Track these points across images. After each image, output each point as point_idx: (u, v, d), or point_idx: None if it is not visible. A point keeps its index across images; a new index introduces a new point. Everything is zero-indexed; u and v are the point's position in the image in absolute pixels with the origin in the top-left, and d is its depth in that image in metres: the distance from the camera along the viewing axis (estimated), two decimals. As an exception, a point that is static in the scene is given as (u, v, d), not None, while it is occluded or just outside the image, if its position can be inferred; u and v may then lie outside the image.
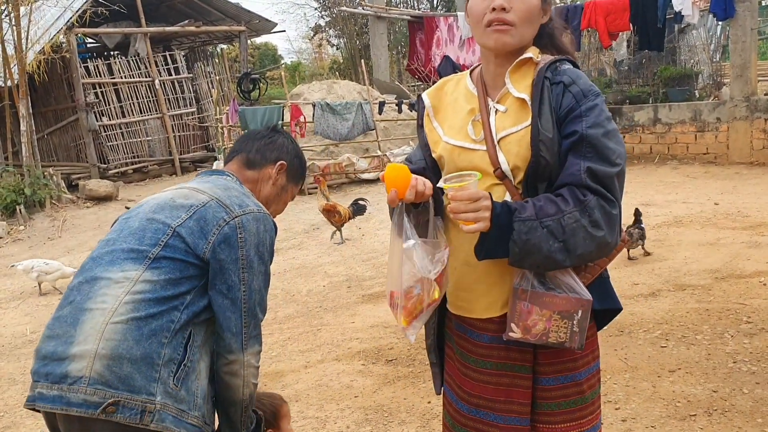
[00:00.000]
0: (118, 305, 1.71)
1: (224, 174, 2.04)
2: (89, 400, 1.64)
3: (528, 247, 1.61)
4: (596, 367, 1.86)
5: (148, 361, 1.68)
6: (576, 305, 1.67)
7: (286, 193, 2.16)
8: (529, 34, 1.76)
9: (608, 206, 1.62)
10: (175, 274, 1.77)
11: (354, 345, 4.61)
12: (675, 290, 5.02)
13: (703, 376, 3.65)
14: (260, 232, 1.85)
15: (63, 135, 15.62)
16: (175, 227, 1.81)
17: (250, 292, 1.81)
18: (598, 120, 1.65)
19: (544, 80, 1.70)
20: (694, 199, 8.00)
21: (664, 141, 10.84)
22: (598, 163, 1.62)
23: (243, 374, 1.82)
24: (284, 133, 2.23)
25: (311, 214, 9.53)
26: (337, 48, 27.75)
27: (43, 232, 9.80)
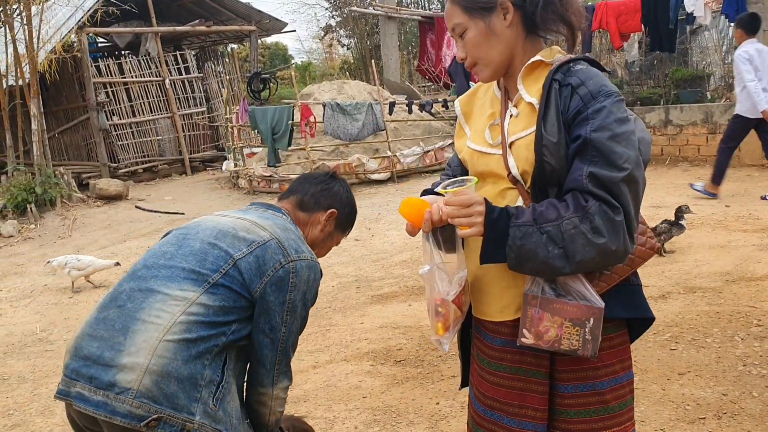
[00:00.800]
0: (173, 323, 1.78)
1: (281, 212, 2.14)
2: (134, 413, 1.70)
3: (523, 253, 1.60)
4: (626, 378, 1.81)
5: (193, 381, 1.76)
6: (587, 313, 1.65)
7: (332, 240, 2.26)
8: (499, 53, 1.72)
9: (612, 212, 1.56)
10: (228, 303, 1.86)
11: (363, 345, 4.62)
12: (685, 293, 4.99)
13: (713, 379, 3.64)
14: (310, 280, 1.95)
15: (74, 134, 15.70)
16: (236, 259, 1.89)
17: (289, 334, 1.93)
18: (604, 123, 1.59)
19: (552, 83, 1.67)
20: (704, 202, 7.95)
21: (675, 143, 10.78)
22: (602, 167, 1.57)
23: (271, 405, 1.97)
24: (341, 181, 2.30)
25: (320, 214, 9.53)
26: (347, 48, 27.78)
27: (53, 231, 9.86)
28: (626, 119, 1.62)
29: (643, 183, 1.64)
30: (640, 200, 1.64)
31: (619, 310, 1.74)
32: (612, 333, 1.77)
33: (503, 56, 1.73)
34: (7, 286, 7.38)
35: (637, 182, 1.60)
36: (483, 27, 1.70)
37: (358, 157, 11.65)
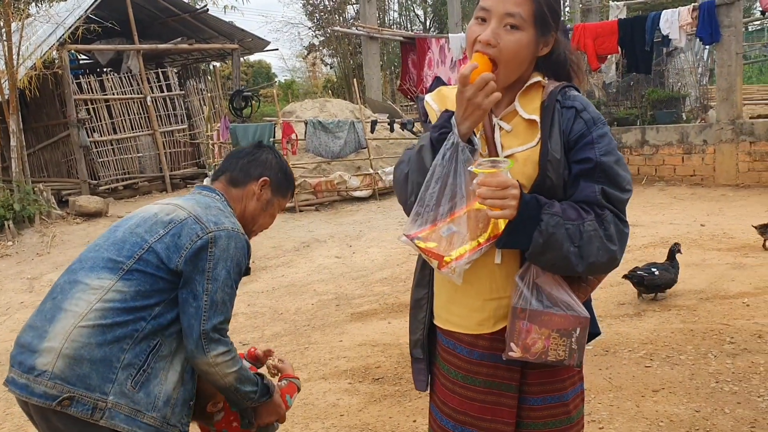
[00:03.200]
0: (88, 311, 1.89)
1: (213, 192, 2.19)
2: (48, 393, 1.83)
3: (551, 242, 1.63)
4: (581, 388, 1.90)
5: (107, 364, 1.86)
6: (574, 323, 1.69)
7: (272, 206, 2.28)
8: (520, 69, 1.74)
9: (621, 225, 1.69)
10: (145, 287, 1.93)
11: (341, 363, 4.62)
12: (660, 310, 5.06)
13: (686, 396, 3.69)
14: (230, 248, 1.98)
15: (54, 151, 15.59)
16: (151, 243, 1.97)
17: (212, 302, 1.93)
18: (609, 148, 1.70)
19: (555, 104, 1.74)
20: (680, 221, 8.07)
21: (651, 162, 10.96)
22: (612, 188, 1.69)
23: (214, 371, 1.96)
24: (269, 149, 2.33)
25: (301, 232, 9.55)
26: (330, 67, 27.93)
27: (31, 248, 9.76)
28: (616, 147, 1.74)
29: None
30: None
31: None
32: None
33: (518, 74, 1.75)
34: (-16, 303, 7.29)
35: (627, 203, 1.73)
36: (533, 39, 1.71)
37: (340, 175, 11.69)
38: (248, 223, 2.24)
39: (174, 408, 1.97)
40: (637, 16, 11.22)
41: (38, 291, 6.90)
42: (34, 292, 7.22)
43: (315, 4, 26.64)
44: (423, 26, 26.84)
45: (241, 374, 2.02)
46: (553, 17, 1.72)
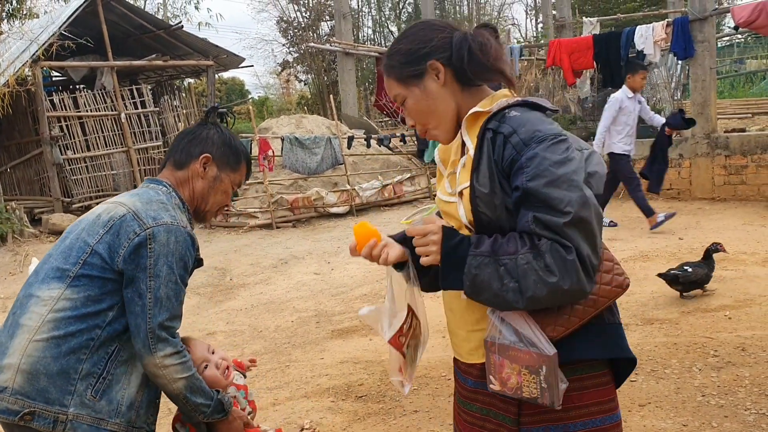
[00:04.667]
0: (41, 323, 1.89)
1: (159, 183, 2.13)
2: (10, 408, 1.85)
3: (477, 282, 1.59)
4: (608, 421, 1.74)
5: (64, 376, 1.86)
6: (538, 360, 1.61)
7: (221, 182, 2.18)
8: (442, 113, 1.75)
9: (564, 251, 1.53)
10: (94, 291, 1.90)
11: (323, 381, 4.54)
12: (643, 324, 5.05)
13: (673, 410, 3.67)
14: (170, 242, 1.93)
15: (26, 168, 15.33)
16: (93, 245, 1.94)
17: (156, 299, 1.89)
18: (539, 170, 1.57)
19: (485, 132, 1.67)
20: (658, 234, 8.12)
21: (628, 176, 11.01)
22: (543, 212, 1.55)
23: (162, 374, 1.91)
24: (212, 125, 2.24)
25: (278, 249, 9.46)
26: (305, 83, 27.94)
27: (4, 267, 9.55)
28: (565, 160, 1.59)
29: (598, 219, 1.60)
30: (598, 236, 1.60)
31: (589, 350, 1.69)
32: (583, 374, 1.71)
33: (448, 115, 1.75)
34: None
35: (587, 222, 1.56)
36: (419, 93, 1.74)
37: (317, 191, 11.62)
38: (200, 204, 2.17)
39: (139, 410, 1.97)
40: (612, 32, 11.36)
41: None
42: (7, 312, 7.02)
43: (289, 21, 26.69)
44: (398, 43, 26.95)
45: (192, 383, 1.96)
46: (411, 62, 1.73)
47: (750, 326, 4.79)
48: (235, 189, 2.23)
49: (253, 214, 11.48)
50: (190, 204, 2.15)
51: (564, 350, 1.64)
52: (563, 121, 12.76)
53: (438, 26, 1.76)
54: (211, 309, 6.78)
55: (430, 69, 1.72)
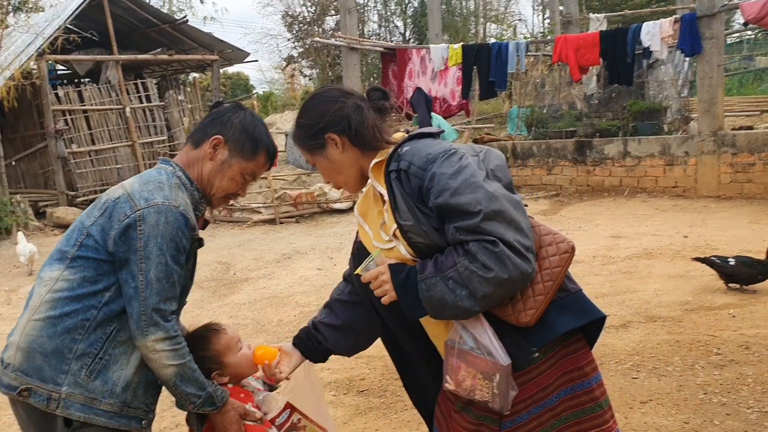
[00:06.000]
0: (39, 303, 1.94)
1: (167, 163, 2.11)
2: (11, 384, 1.93)
3: (434, 302, 1.75)
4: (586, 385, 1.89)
5: (59, 355, 1.90)
6: (493, 368, 1.74)
7: (230, 168, 2.11)
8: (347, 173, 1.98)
9: (491, 246, 1.67)
10: (89, 272, 1.93)
11: (325, 375, 4.53)
12: (646, 321, 5.03)
13: (675, 408, 3.65)
14: (160, 223, 1.90)
15: (31, 162, 15.36)
16: (87, 227, 1.96)
17: (147, 281, 1.88)
18: (439, 186, 1.73)
19: (389, 175, 1.84)
20: (663, 232, 8.09)
21: (633, 174, 11.00)
22: (460, 220, 1.71)
23: (154, 358, 1.91)
24: (237, 108, 2.17)
25: (282, 244, 9.46)
26: (309, 78, 27.89)
27: (9, 260, 9.56)
28: (460, 169, 1.75)
29: (513, 204, 1.74)
30: (518, 219, 1.73)
31: (571, 321, 1.84)
32: (567, 340, 1.86)
33: (352, 174, 1.98)
34: (-43, 317, 7.11)
35: (500, 212, 1.70)
36: (324, 160, 1.98)
37: (320, 187, 11.62)
38: (206, 186, 2.11)
39: (136, 391, 1.98)
40: (619, 28, 11.30)
41: (16, 303, 6.75)
42: (12, 305, 7.04)
43: (294, 16, 26.65)
44: (402, 37, 26.91)
45: (184, 371, 1.95)
46: (311, 135, 1.96)
47: (754, 324, 4.76)
48: (247, 179, 2.15)
49: (256, 209, 11.49)
50: (200, 185, 2.10)
51: (546, 330, 1.79)
52: (569, 118, 12.74)
53: (331, 98, 1.96)
54: (214, 303, 6.79)
55: (329, 140, 1.94)
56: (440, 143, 1.86)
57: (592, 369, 1.90)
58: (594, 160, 11.40)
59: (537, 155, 12.14)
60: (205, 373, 2.13)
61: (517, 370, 1.79)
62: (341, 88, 2.04)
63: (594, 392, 1.88)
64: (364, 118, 1.92)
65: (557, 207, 10.73)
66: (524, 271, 1.69)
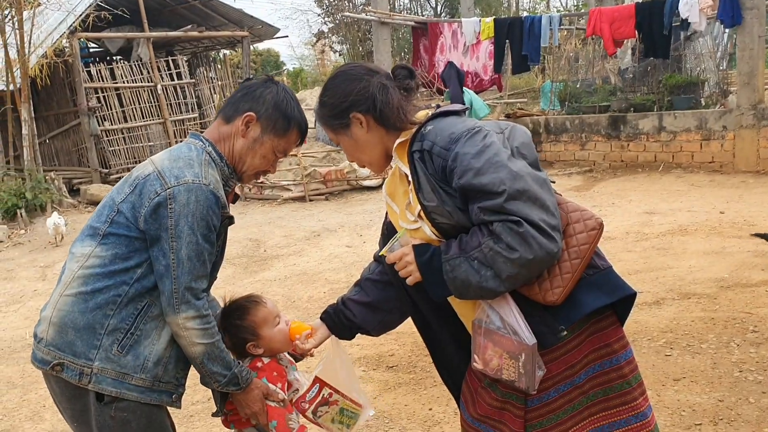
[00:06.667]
0: (71, 279, 1.95)
1: (197, 138, 2.08)
2: (45, 359, 1.95)
3: (458, 283, 1.74)
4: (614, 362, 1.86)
5: (90, 331, 1.91)
6: (518, 348, 1.73)
7: (262, 146, 2.06)
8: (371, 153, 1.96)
9: (516, 227, 1.65)
10: (121, 249, 1.92)
11: (354, 351, 4.55)
12: (680, 299, 4.95)
13: (709, 385, 3.59)
14: (191, 202, 1.88)
15: (65, 139, 15.59)
16: (118, 204, 1.95)
17: (179, 260, 1.88)
18: (463, 166, 1.72)
19: (412, 155, 1.83)
20: (699, 208, 7.93)
21: (668, 149, 10.77)
22: (484, 200, 1.69)
23: (184, 335, 1.92)
24: (269, 83, 2.12)
25: (311, 221, 9.49)
26: (339, 54, 27.75)
27: (43, 237, 9.75)
28: (483, 148, 1.73)
29: (538, 182, 1.71)
30: (544, 198, 1.70)
31: (600, 298, 1.80)
32: (596, 317, 1.83)
33: (377, 153, 1.96)
34: (-3, 291, 7.30)
35: (524, 191, 1.68)
36: (348, 139, 1.96)
37: (350, 164, 11.60)
38: (237, 163, 2.08)
39: (167, 366, 1.98)
40: (655, 0, 10.99)
41: (51, 279, 6.88)
42: (47, 280, 7.19)
43: (325, -9, 26.44)
44: (434, 11, 26.58)
45: (212, 351, 1.95)
46: (336, 115, 1.93)
47: (792, 302, 4.66)
48: (278, 155, 2.11)
49: (286, 186, 11.52)
50: (230, 161, 2.07)
51: (574, 308, 1.77)
52: (603, 92, 12.50)
53: (356, 76, 1.92)
54: (246, 279, 6.86)
55: (354, 120, 1.91)
56: (464, 121, 1.84)
57: (621, 346, 1.87)
58: (628, 135, 11.18)
59: (570, 130, 11.96)
60: (241, 342, 2.18)
61: (545, 349, 1.77)
62: (366, 65, 2.00)
63: (623, 369, 1.85)
64: (389, 97, 1.88)
65: (590, 183, 10.58)
66: (550, 251, 1.67)
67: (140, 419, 1.96)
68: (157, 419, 2.01)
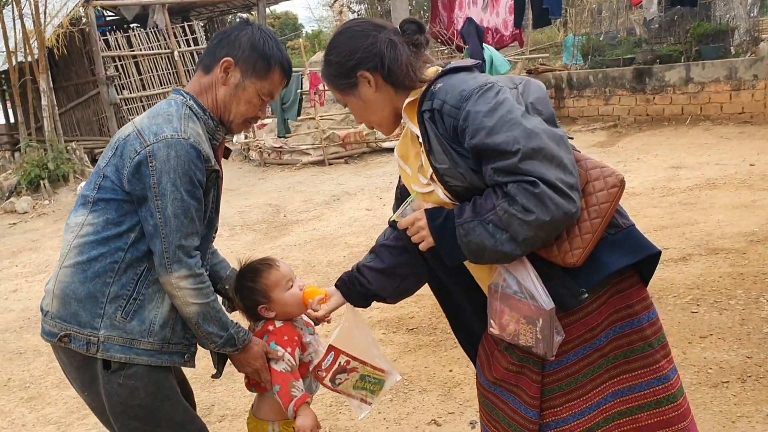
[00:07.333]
0: (68, 250, 1.94)
1: (178, 93, 2.03)
2: (52, 331, 1.95)
3: (473, 247, 1.68)
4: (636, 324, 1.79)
5: (92, 300, 1.90)
6: (536, 313, 1.67)
7: (245, 91, 1.99)
8: (380, 113, 1.88)
9: (531, 188, 1.57)
10: (111, 214, 1.89)
11: (375, 314, 4.53)
12: (707, 254, 4.82)
13: (737, 342, 3.50)
14: (171, 158, 1.83)
15: (85, 109, 15.66)
16: (102, 168, 1.92)
17: (165, 219, 1.84)
18: (475, 125, 1.63)
19: (422, 115, 1.75)
20: (727, 161, 7.72)
21: (696, 101, 10.47)
22: (497, 160, 1.61)
23: (177, 295, 1.89)
24: (244, 25, 2.04)
25: (331, 185, 9.44)
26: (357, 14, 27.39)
27: (67, 207, 9.83)
28: (496, 105, 1.63)
29: (555, 139, 1.62)
30: (560, 155, 1.60)
31: (622, 258, 1.72)
32: (618, 278, 1.76)
33: (387, 114, 1.88)
34: (23, 262, 7.39)
35: (540, 150, 1.59)
36: (355, 100, 1.88)
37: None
38: (223, 113, 2.02)
39: (174, 327, 1.97)
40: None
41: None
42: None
43: (342, -50, 25.96)
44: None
45: (206, 311, 1.92)
46: (342, 74, 1.85)
47: (825, 255, 4.51)
48: (264, 99, 2.03)
49: (305, 150, 11.45)
50: (215, 113, 2.01)
51: (595, 269, 1.69)
52: (628, 45, 12.17)
53: (362, 32, 1.83)
54: (266, 245, 6.85)
55: (362, 79, 1.83)
56: (476, 77, 1.73)
57: (643, 307, 1.79)
58: (654, 88, 10.88)
59: (594, 85, 11.68)
60: (253, 304, 2.17)
61: (565, 311, 1.70)
62: (373, 20, 1.90)
63: (645, 331, 1.77)
64: (398, 54, 1.78)
65: (615, 138, 10.35)
66: (567, 211, 1.58)
67: (148, 386, 1.95)
68: (166, 385, 2.00)
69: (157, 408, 1.97)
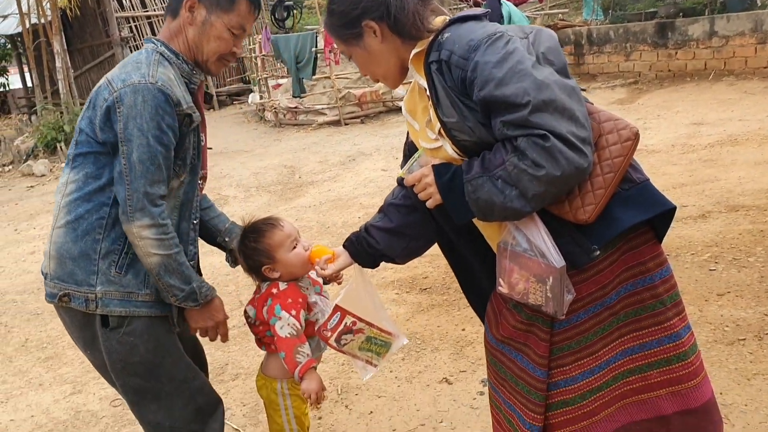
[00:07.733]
0: (58, 210, 1.96)
1: (149, 41, 1.99)
2: (52, 292, 1.97)
3: (481, 204, 1.62)
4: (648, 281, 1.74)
5: (86, 257, 1.91)
6: (546, 271, 1.62)
7: (213, 27, 1.94)
8: (386, 65, 1.81)
9: (542, 141, 1.51)
10: (89, 168, 1.89)
11: (388, 275, 4.52)
12: (727, 211, 4.73)
13: (755, 300, 3.45)
14: (137, 103, 1.80)
15: (100, 71, 15.60)
16: (79, 124, 1.93)
17: (130, 164, 1.82)
18: (484, 76, 1.57)
19: (429, 67, 1.69)
20: (751, 116, 7.53)
21: (720, 56, 10.19)
22: (507, 113, 1.55)
23: (139, 245, 1.86)
24: None
25: (346, 146, 9.38)
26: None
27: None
28: (506, 55, 1.57)
29: (566, 91, 1.55)
30: (572, 108, 1.54)
31: (636, 214, 1.66)
32: (631, 234, 1.71)
33: (392, 65, 1.82)
34: (41, 224, 7.46)
35: (551, 102, 1.52)
36: (360, 51, 1.81)
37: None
38: (196, 54, 1.98)
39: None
40: None
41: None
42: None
43: None
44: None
45: (168, 262, 1.89)
46: (347, 24, 1.78)
47: None
48: (237, 33, 1.97)
49: (321, 111, 11.36)
50: (188, 56, 1.97)
51: (608, 225, 1.63)
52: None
53: None
54: (281, 206, 6.84)
55: (367, 28, 1.76)
56: (484, 26, 1.66)
57: (656, 264, 1.73)
58: (676, 42, 10.60)
59: (614, 40, 11.41)
60: (257, 264, 2.15)
61: (576, 269, 1.65)
62: None
63: (657, 289, 1.72)
64: (404, 2, 1.72)
65: (635, 95, 10.14)
66: (579, 166, 1.52)
67: (147, 343, 1.96)
68: (166, 341, 2.01)
69: (158, 364, 1.98)
